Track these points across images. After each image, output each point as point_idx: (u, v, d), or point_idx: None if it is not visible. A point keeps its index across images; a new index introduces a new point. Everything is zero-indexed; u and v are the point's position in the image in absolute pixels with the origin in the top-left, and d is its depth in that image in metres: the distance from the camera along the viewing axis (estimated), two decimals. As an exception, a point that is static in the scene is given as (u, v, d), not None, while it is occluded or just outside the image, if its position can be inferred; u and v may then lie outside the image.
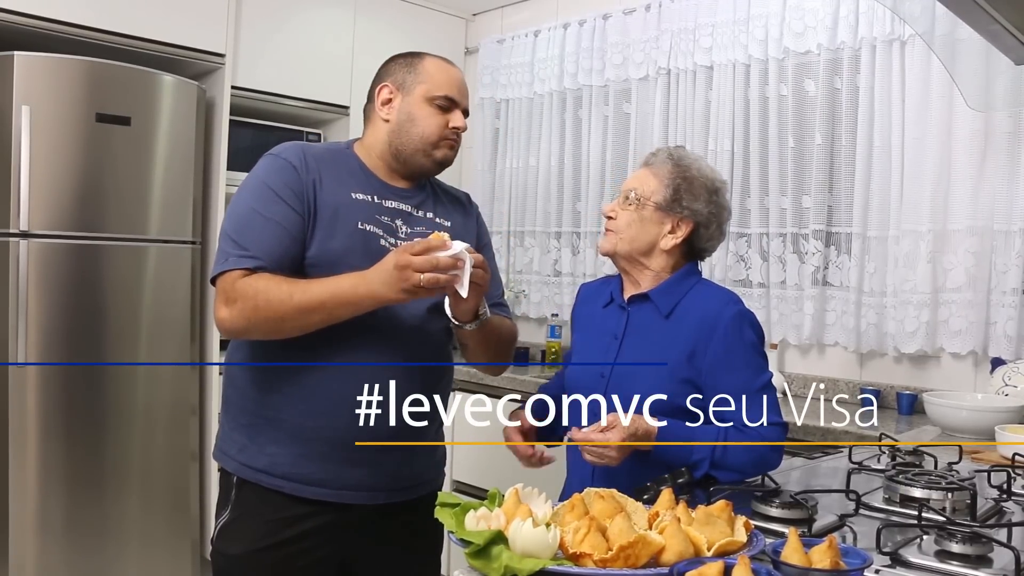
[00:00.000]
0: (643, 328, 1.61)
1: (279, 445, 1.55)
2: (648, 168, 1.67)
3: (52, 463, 2.65)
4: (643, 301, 1.63)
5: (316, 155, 1.61)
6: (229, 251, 1.51)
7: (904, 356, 2.63)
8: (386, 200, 1.63)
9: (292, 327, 1.49)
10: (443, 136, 1.63)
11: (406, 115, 1.63)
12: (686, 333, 1.55)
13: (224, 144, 3.11)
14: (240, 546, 1.56)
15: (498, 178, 3.80)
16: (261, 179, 1.57)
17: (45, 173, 2.61)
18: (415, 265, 1.38)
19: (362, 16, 3.55)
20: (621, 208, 1.64)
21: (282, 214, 1.52)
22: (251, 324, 1.49)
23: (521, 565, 0.93)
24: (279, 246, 1.51)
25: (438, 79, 1.64)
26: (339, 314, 1.47)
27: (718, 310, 1.56)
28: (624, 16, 3.32)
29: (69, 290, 2.69)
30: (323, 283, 1.47)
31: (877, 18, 2.60)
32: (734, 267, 2.99)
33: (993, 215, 2.42)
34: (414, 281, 1.38)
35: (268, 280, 1.47)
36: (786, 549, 0.93)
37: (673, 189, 1.61)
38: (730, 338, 1.54)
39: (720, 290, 1.67)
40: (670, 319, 1.59)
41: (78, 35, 2.77)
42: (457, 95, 1.64)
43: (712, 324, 1.54)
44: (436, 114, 1.62)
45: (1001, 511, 1.27)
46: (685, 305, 1.59)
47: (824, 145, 2.75)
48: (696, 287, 1.63)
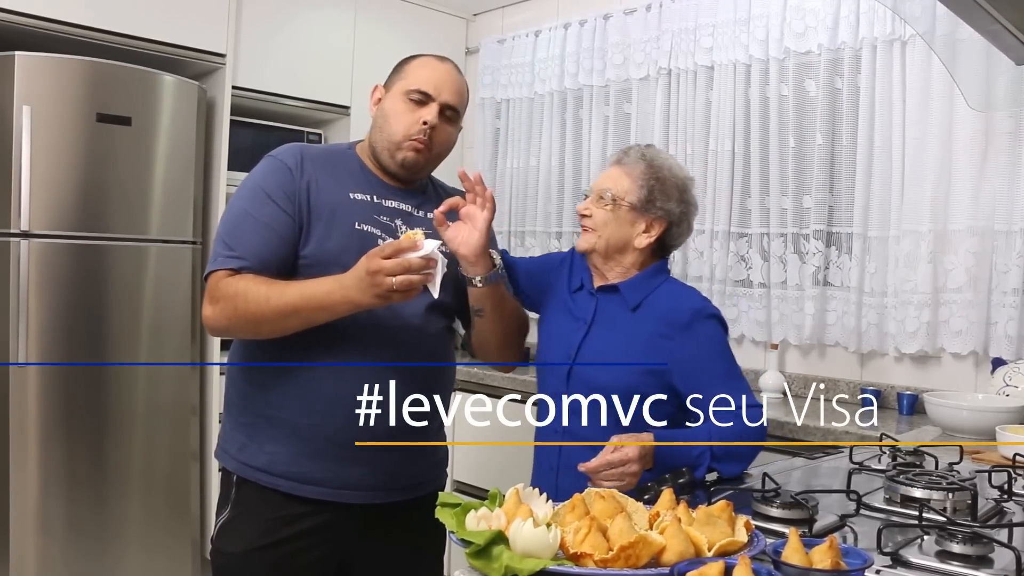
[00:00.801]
0: (610, 318, 1.67)
1: (278, 443, 1.56)
2: (620, 167, 1.70)
3: (53, 463, 2.65)
4: (612, 292, 1.69)
5: (314, 156, 1.61)
6: (219, 251, 1.53)
7: (905, 356, 2.63)
8: (386, 200, 1.63)
9: (269, 329, 1.50)
10: (408, 135, 1.59)
11: (383, 112, 1.64)
12: (652, 327, 1.62)
13: (225, 144, 3.12)
14: (239, 545, 1.57)
15: (499, 178, 3.80)
16: (256, 181, 1.58)
17: (46, 173, 2.61)
18: (386, 269, 1.37)
19: (363, 16, 3.55)
20: (596, 207, 1.68)
21: (272, 216, 1.53)
22: (231, 324, 1.51)
23: (522, 565, 0.93)
24: (267, 247, 1.51)
25: (416, 74, 1.62)
26: (315, 319, 1.47)
27: (685, 307, 1.63)
28: (625, 16, 3.32)
29: (70, 290, 2.69)
30: (300, 286, 1.47)
31: (878, 18, 2.60)
32: (735, 267, 2.99)
33: (994, 215, 2.42)
34: (386, 286, 1.37)
35: (249, 281, 1.48)
36: (787, 549, 0.93)
37: (647, 190, 1.67)
38: (699, 335, 1.60)
39: (687, 289, 1.74)
40: (636, 312, 1.65)
41: (79, 35, 2.77)
42: (432, 89, 1.60)
43: (679, 320, 1.61)
44: (409, 110, 1.59)
45: (1002, 511, 1.27)
46: (652, 300, 1.66)
47: (825, 145, 2.75)
48: (664, 284, 1.69)
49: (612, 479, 1.40)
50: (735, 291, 2.99)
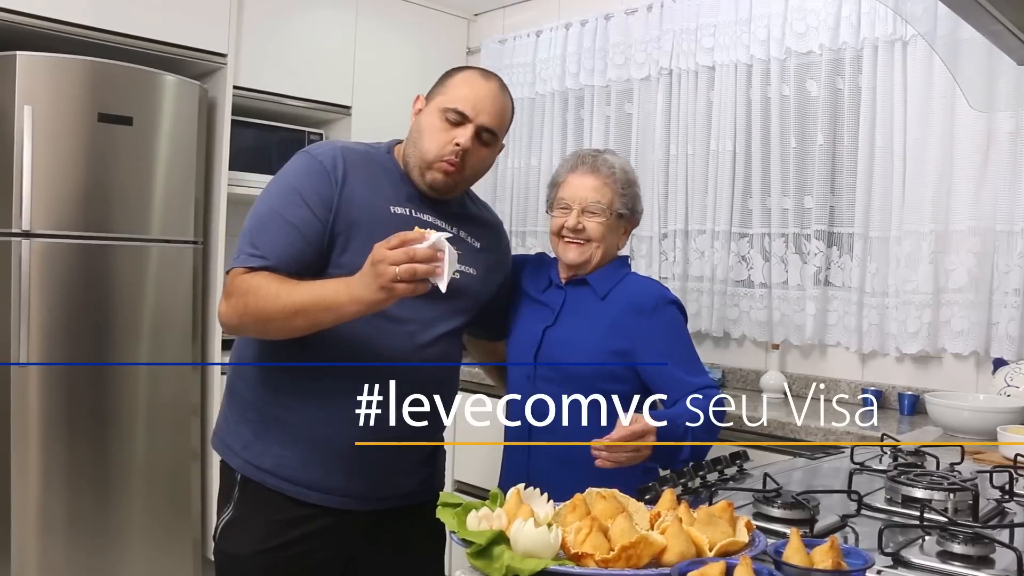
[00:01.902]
0: (578, 307, 1.77)
1: (285, 447, 1.54)
2: (597, 177, 1.78)
3: (54, 463, 2.65)
4: (581, 284, 1.79)
5: (354, 161, 1.56)
6: (242, 248, 1.50)
7: (906, 356, 2.63)
8: (423, 214, 1.60)
9: (277, 328, 1.45)
10: (440, 156, 1.54)
11: (419, 126, 1.59)
12: (617, 312, 1.73)
13: (226, 144, 3.12)
14: (243, 546, 1.56)
15: (500, 178, 3.80)
16: (290, 180, 1.54)
17: (47, 173, 2.62)
18: (389, 258, 1.29)
19: (364, 16, 3.55)
20: (588, 220, 1.75)
21: (303, 219, 1.49)
22: (242, 320, 1.48)
23: (523, 565, 0.93)
24: (291, 249, 1.48)
25: (455, 92, 1.57)
26: (322, 320, 1.41)
27: (649, 293, 1.76)
28: (626, 16, 3.32)
29: (71, 290, 2.69)
30: (309, 286, 1.43)
31: (879, 18, 2.60)
32: (736, 267, 2.99)
33: (995, 215, 2.42)
34: (389, 275, 1.29)
35: (264, 278, 1.45)
36: (788, 550, 0.93)
37: (629, 198, 1.80)
38: (662, 318, 1.72)
39: (650, 280, 1.88)
40: (605, 300, 1.76)
41: (80, 35, 2.77)
42: (470, 110, 1.55)
43: (644, 304, 1.73)
44: (443, 129, 1.55)
45: (1003, 512, 1.26)
46: (619, 290, 1.77)
47: (826, 145, 2.75)
48: (628, 276, 1.82)
49: (628, 452, 1.44)
50: (736, 291, 2.99)
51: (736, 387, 2.98)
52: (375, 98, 3.51)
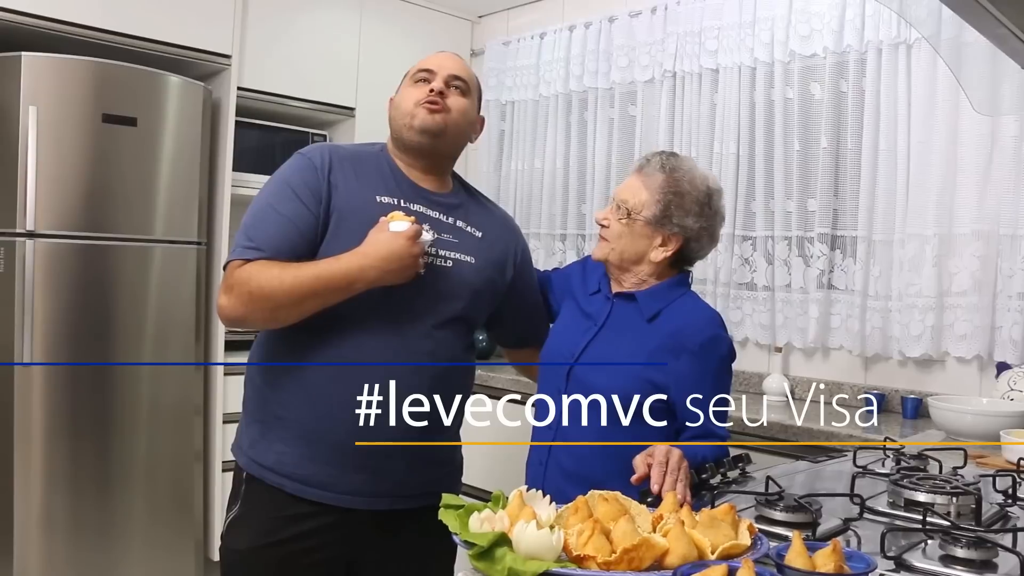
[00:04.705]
0: (623, 324, 1.65)
1: (286, 444, 1.56)
2: (640, 177, 1.67)
3: (57, 463, 2.66)
4: (629, 300, 1.67)
5: (342, 156, 1.63)
6: (239, 242, 1.55)
7: (909, 360, 2.62)
8: (413, 204, 1.62)
9: (286, 313, 1.50)
10: (419, 102, 1.61)
11: (395, 102, 1.67)
12: (661, 339, 1.59)
13: (230, 145, 3.12)
14: (245, 541, 1.58)
15: (503, 180, 3.80)
16: (283, 177, 1.60)
17: (51, 173, 2.62)
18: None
19: (368, 18, 3.56)
20: (613, 217, 1.67)
21: (295, 211, 1.54)
22: (248, 311, 1.51)
23: (525, 567, 0.93)
24: (285, 240, 1.52)
25: (419, 64, 1.67)
26: (331, 298, 1.49)
27: (700, 330, 1.60)
28: (630, 19, 3.32)
29: (75, 290, 2.70)
30: (314, 265, 1.49)
31: (883, 21, 2.60)
32: (739, 270, 2.99)
33: (999, 219, 2.42)
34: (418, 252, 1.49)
35: (261, 265, 1.50)
36: (790, 553, 0.93)
37: (664, 205, 1.62)
38: (708, 362, 1.58)
39: (706, 308, 1.69)
40: (652, 323, 1.63)
41: (85, 36, 2.78)
42: (434, 66, 1.64)
43: (691, 341, 1.58)
44: (415, 88, 1.64)
45: (1006, 516, 1.26)
46: (668, 313, 1.63)
47: (830, 148, 2.75)
48: (682, 298, 1.66)
49: (673, 476, 1.32)
50: (739, 294, 2.99)
51: (738, 390, 2.98)
52: (379, 99, 3.41)
